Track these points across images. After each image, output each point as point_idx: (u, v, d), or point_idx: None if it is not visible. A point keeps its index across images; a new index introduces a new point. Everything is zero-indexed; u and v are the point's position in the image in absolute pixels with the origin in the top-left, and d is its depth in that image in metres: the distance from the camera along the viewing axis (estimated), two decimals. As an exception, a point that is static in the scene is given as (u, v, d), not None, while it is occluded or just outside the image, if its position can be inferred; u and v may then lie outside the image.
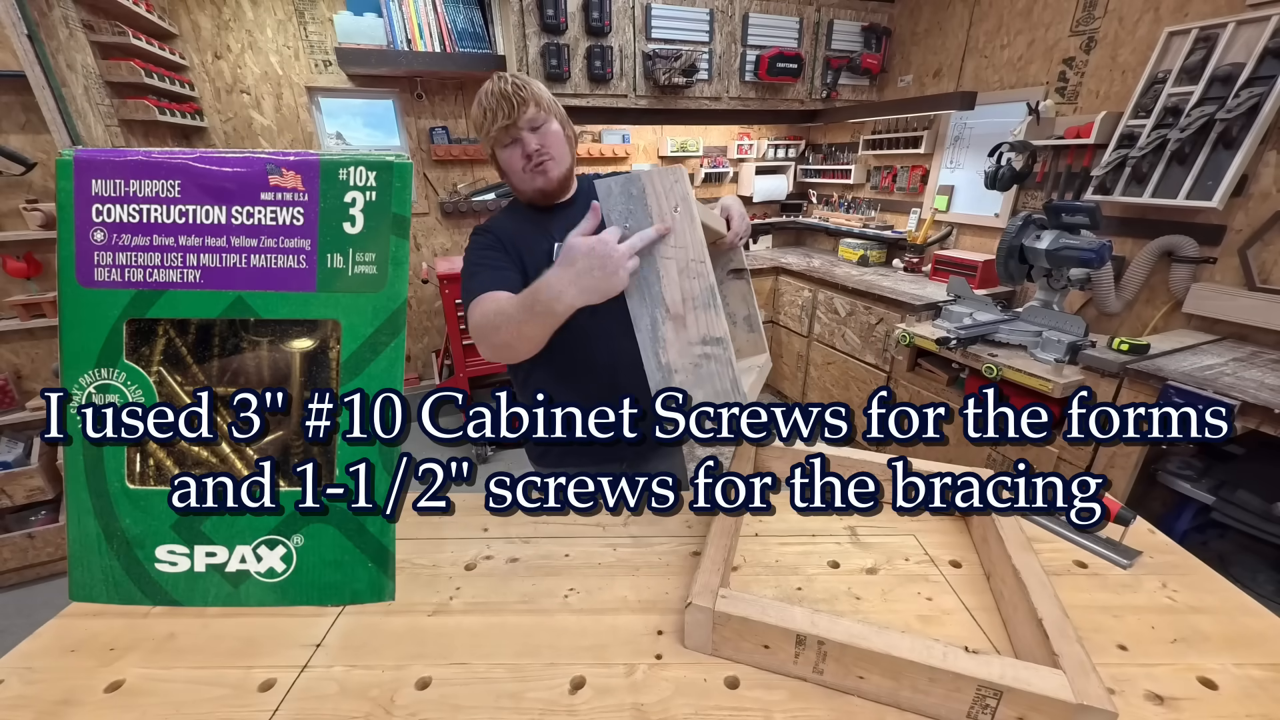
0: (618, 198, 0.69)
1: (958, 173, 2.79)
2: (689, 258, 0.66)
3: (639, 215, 0.68)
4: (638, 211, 0.68)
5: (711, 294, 0.66)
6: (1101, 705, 0.47)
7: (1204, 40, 1.79)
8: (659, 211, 0.66)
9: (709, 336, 0.66)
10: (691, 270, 0.66)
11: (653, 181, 0.66)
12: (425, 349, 3.59)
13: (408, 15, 2.73)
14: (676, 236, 0.66)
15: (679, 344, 0.68)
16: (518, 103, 0.94)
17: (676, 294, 0.67)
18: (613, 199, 0.69)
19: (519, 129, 0.96)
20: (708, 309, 0.66)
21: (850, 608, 0.68)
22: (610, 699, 0.56)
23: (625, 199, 0.68)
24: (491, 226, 1.06)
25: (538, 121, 0.97)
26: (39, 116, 1.80)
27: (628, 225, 0.69)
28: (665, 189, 0.66)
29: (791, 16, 2.95)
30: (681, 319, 0.67)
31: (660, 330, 0.68)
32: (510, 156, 1.00)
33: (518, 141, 0.98)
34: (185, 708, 0.55)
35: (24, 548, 2.02)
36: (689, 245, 0.66)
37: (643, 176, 0.67)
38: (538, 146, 0.98)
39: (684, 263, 0.66)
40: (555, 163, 1.00)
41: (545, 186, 1.01)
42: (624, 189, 0.68)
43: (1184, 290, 1.88)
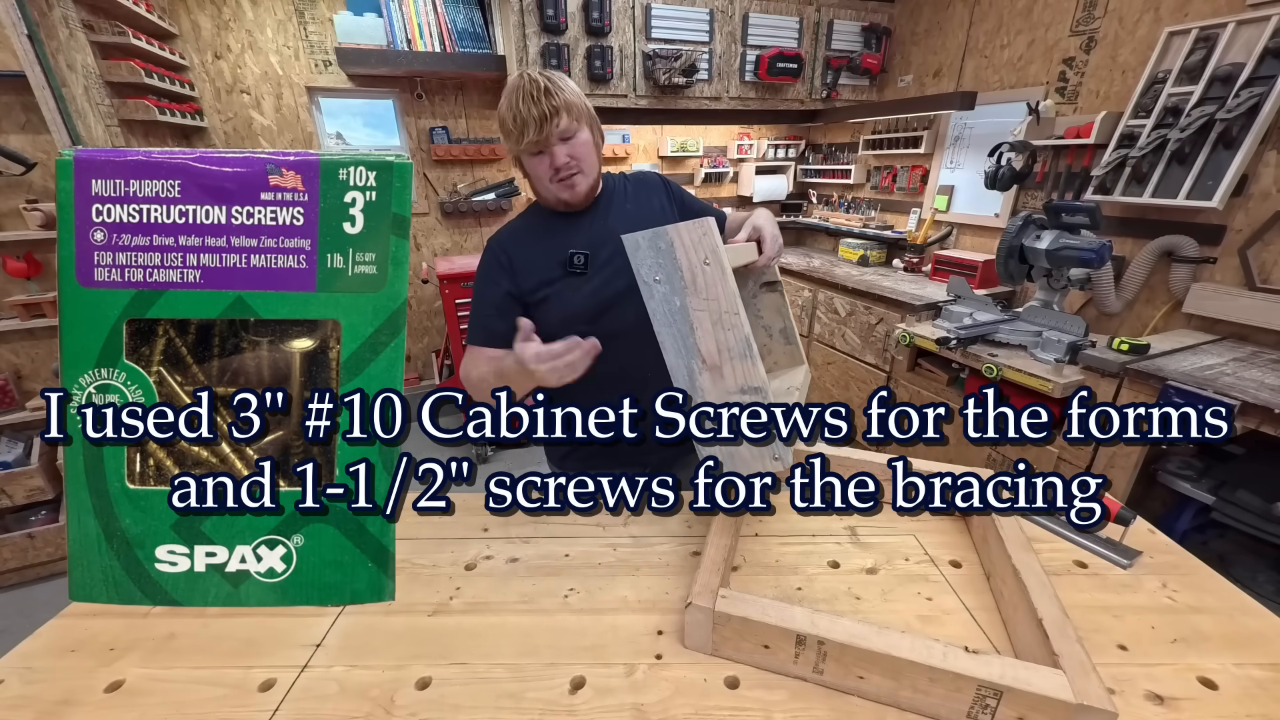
0: (646, 252, 0.68)
1: (958, 173, 2.79)
2: (722, 310, 0.65)
3: (669, 270, 0.67)
4: (668, 265, 0.67)
5: (748, 345, 0.65)
6: (1101, 705, 0.47)
7: (1204, 40, 1.79)
8: (688, 264, 0.66)
9: (747, 386, 0.66)
10: (726, 323, 0.65)
11: (680, 235, 0.65)
12: (425, 349, 3.59)
13: (408, 15, 2.73)
14: (708, 289, 0.66)
15: (716, 393, 0.68)
16: (549, 112, 0.89)
17: (712, 345, 0.66)
18: (641, 254, 0.69)
19: (549, 142, 0.92)
20: (744, 359, 0.65)
21: (850, 608, 0.68)
22: (610, 699, 0.56)
23: (654, 253, 0.68)
24: (507, 244, 1.03)
25: (569, 132, 0.93)
26: (39, 116, 1.80)
27: (658, 279, 0.68)
28: (694, 243, 0.65)
29: (791, 16, 2.95)
30: (718, 369, 0.67)
31: (697, 381, 0.68)
32: (538, 164, 0.95)
33: (547, 153, 0.94)
34: (185, 708, 0.55)
35: (24, 548, 2.02)
36: (721, 298, 0.65)
37: (669, 231, 0.66)
38: (567, 159, 0.94)
39: (717, 315, 0.65)
40: (584, 176, 0.97)
41: (571, 200, 0.99)
42: (652, 244, 0.68)
43: (1184, 290, 1.88)
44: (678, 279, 0.67)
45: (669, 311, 0.68)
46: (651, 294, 0.69)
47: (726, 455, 0.69)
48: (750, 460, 0.67)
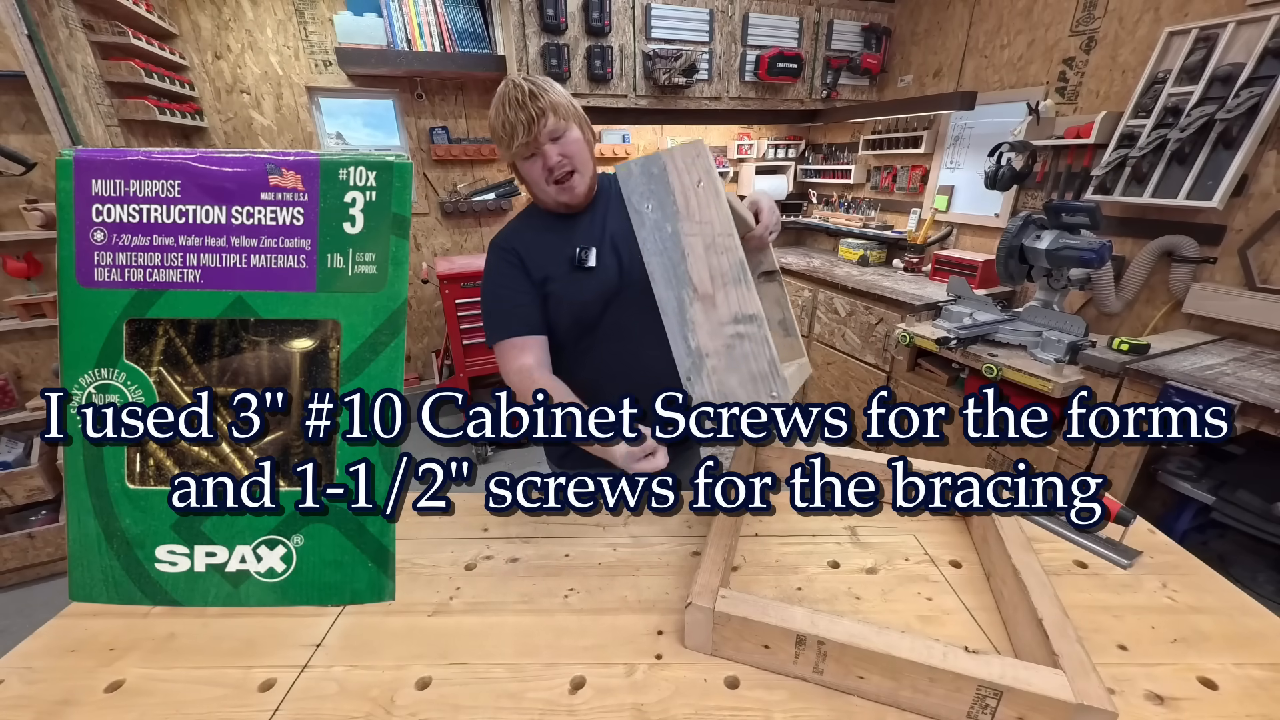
0: (638, 179, 0.66)
1: (958, 173, 2.79)
2: (715, 233, 0.63)
3: (661, 194, 0.65)
4: (659, 191, 0.65)
5: (742, 268, 0.62)
6: (1101, 705, 0.47)
7: (1204, 40, 1.79)
8: (681, 188, 0.64)
9: (741, 314, 0.63)
10: (719, 245, 0.63)
11: (674, 158, 0.64)
12: (425, 349, 3.59)
13: (408, 15, 2.73)
14: (701, 212, 0.63)
15: (709, 325, 0.64)
16: (536, 114, 0.90)
17: (704, 272, 0.64)
18: (633, 181, 0.66)
19: (539, 143, 0.93)
20: (739, 284, 0.62)
21: (850, 608, 0.68)
22: (610, 699, 0.56)
23: (646, 179, 0.65)
24: (511, 241, 1.03)
25: (558, 131, 0.94)
26: (39, 116, 1.80)
27: (648, 206, 0.65)
28: (687, 164, 0.63)
29: (791, 16, 2.95)
30: (710, 298, 0.64)
31: (688, 312, 0.65)
32: (532, 169, 0.97)
33: (539, 154, 0.95)
34: (185, 708, 0.55)
35: (24, 548, 2.02)
36: (714, 220, 0.63)
37: (663, 155, 0.64)
38: (559, 158, 0.95)
39: (710, 239, 0.63)
40: (580, 175, 0.97)
41: (571, 202, 0.99)
42: (644, 169, 0.66)
43: (1184, 290, 1.88)
44: (670, 204, 0.65)
45: (660, 239, 0.66)
46: (642, 222, 0.67)
47: (720, 396, 0.65)
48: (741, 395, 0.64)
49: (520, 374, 0.96)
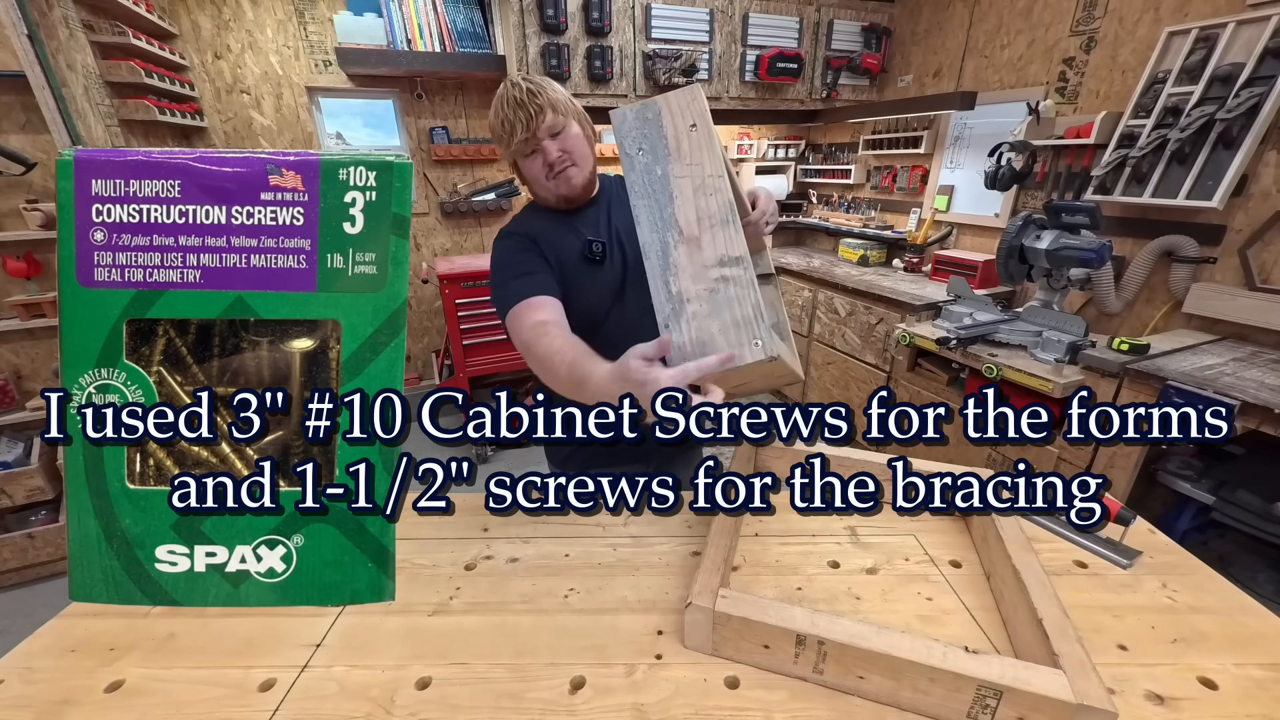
0: (632, 124, 0.65)
1: (958, 173, 2.79)
2: (705, 174, 0.62)
3: (654, 139, 0.64)
4: (652, 135, 0.64)
5: (731, 210, 0.60)
6: (1101, 705, 0.47)
7: (1204, 40, 1.79)
8: (674, 132, 0.63)
9: (727, 256, 0.60)
10: (709, 186, 0.62)
11: (669, 102, 0.63)
12: (425, 349, 3.59)
13: (408, 15, 2.73)
14: (692, 154, 0.62)
15: (693, 268, 0.62)
16: (535, 111, 0.91)
17: (691, 214, 0.62)
18: (626, 125, 0.66)
19: (538, 139, 0.94)
20: (726, 226, 0.60)
21: (850, 608, 0.68)
22: (610, 699, 0.56)
23: (640, 123, 0.64)
24: (517, 229, 1.03)
25: (557, 127, 0.95)
26: (39, 116, 1.80)
27: (641, 149, 0.64)
28: (682, 108, 0.63)
29: (791, 16, 2.95)
30: (696, 240, 0.62)
31: (672, 255, 0.63)
32: (532, 165, 0.97)
33: (538, 151, 0.95)
34: (185, 708, 0.55)
35: (24, 548, 2.02)
36: (705, 162, 0.62)
37: (658, 100, 0.64)
38: (559, 154, 0.95)
39: (700, 180, 0.62)
40: (578, 169, 0.98)
41: (569, 193, 0.99)
42: (639, 114, 0.65)
43: (1184, 290, 1.88)
44: (661, 147, 0.64)
45: (649, 182, 0.65)
46: (633, 166, 0.66)
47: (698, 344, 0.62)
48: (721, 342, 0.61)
49: (535, 329, 0.86)
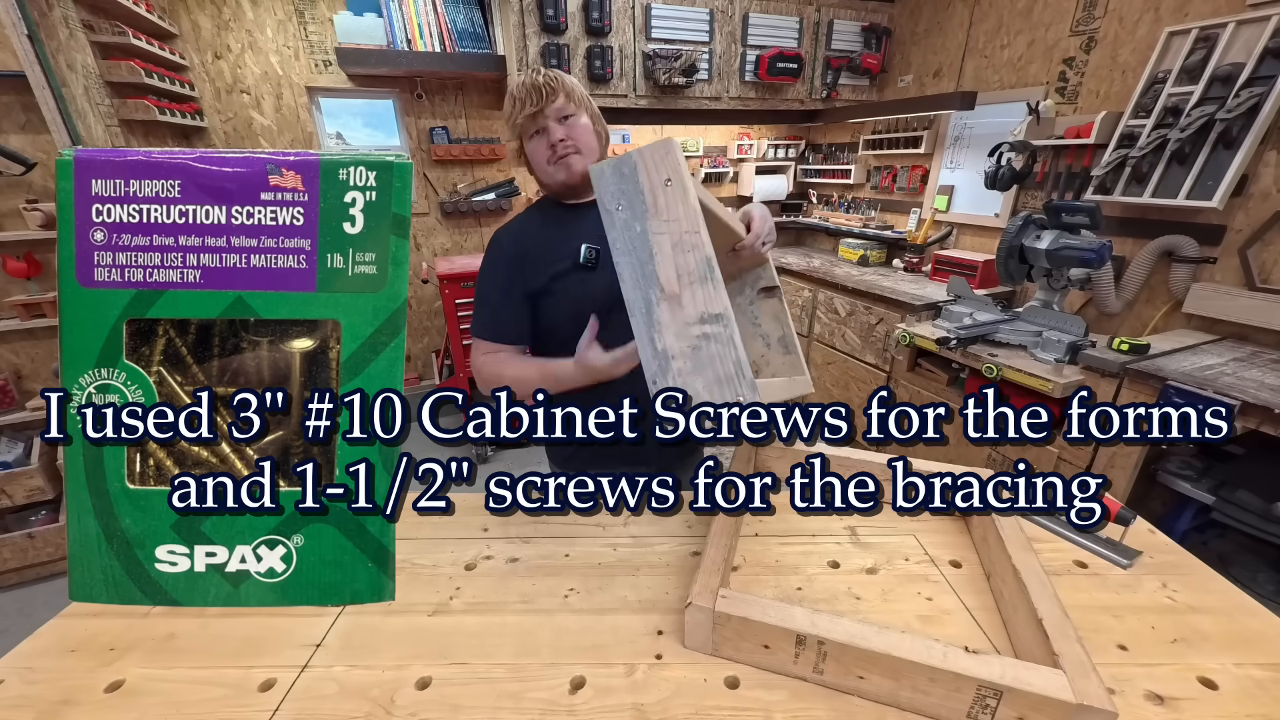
0: (610, 179, 0.66)
1: (958, 173, 2.79)
2: (683, 230, 0.62)
3: (631, 195, 0.64)
4: (630, 190, 0.64)
5: (709, 266, 0.61)
6: (1101, 705, 0.47)
7: (1204, 40, 1.79)
8: (650, 187, 0.63)
9: (707, 314, 0.61)
10: (686, 243, 0.62)
11: (643, 157, 0.64)
12: (425, 349, 3.59)
13: (408, 15, 2.73)
14: (669, 210, 0.63)
15: (675, 325, 0.63)
16: (547, 92, 0.94)
17: (671, 270, 0.63)
18: (605, 181, 0.66)
19: (546, 118, 0.96)
20: (705, 283, 0.61)
21: (850, 608, 0.68)
22: (610, 699, 0.56)
23: (617, 179, 0.65)
24: (514, 239, 1.04)
25: (566, 112, 0.97)
26: (39, 116, 1.80)
27: (620, 206, 0.65)
28: (656, 163, 0.63)
29: (791, 16, 2.95)
30: (677, 297, 0.63)
31: (655, 313, 0.64)
32: (536, 147, 0.99)
33: (544, 132, 0.97)
34: (185, 708, 0.55)
35: (24, 548, 2.02)
36: (681, 218, 0.62)
37: (634, 155, 0.64)
38: (562, 137, 0.97)
39: (677, 236, 0.62)
40: (580, 156, 0.99)
41: (568, 180, 1.00)
42: (616, 170, 0.65)
43: (1184, 290, 1.88)
44: (639, 203, 0.64)
45: (629, 239, 0.65)
46: (613, 222, 0.66)
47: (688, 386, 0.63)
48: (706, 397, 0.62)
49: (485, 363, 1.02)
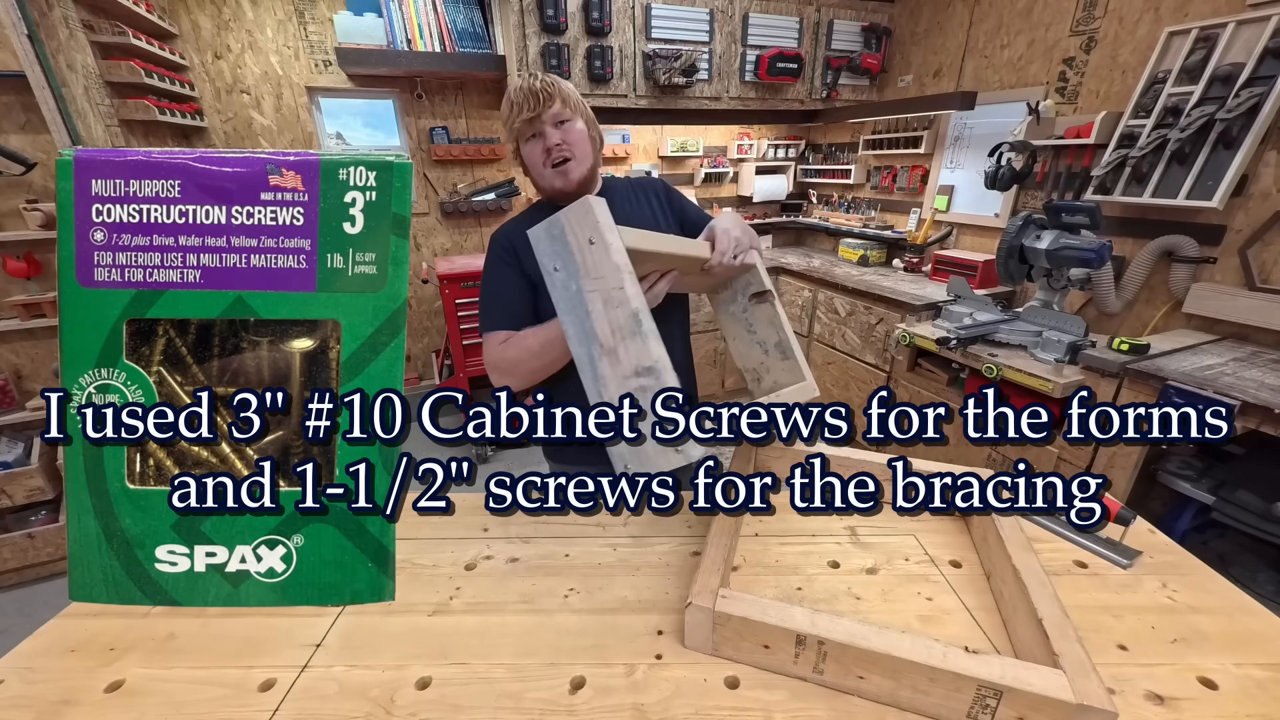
0: (545, 242, 0.68)
1: (958, 173, 2.79)
2: (609, 286, 0.64)
3: (564, 255, 0.67)
4: (563, 252, 0.67)
5: (636, 321, 0.63)
6: (1101, 705, 0.47)
7: (1204, 40, 1.79)
8: (578, 246, 0.66)
9: (640, 367, 0.63)
10: (614, 299, 0.64)
11: (568, 218, 0.66)
12: (425, 349, 3.59)
13: (408, 15, 2.73)
14: (596, 268, 0.65)
15: (616, 379, 0.65)
16: (544, 97, 0.96)
17: (605, 326, 0.65)
18: (542, 245, 0.68)
19: (543, 122, 0.97)
20: (634, 337, 0.63)
21: (850, 608, 0.68)
22: (610, 699, 0.56)
23: (550, 241, 0.67)
24: (512, 239, 1.05)
25: (562, 117, 0.98)
26: (39, 116, 1.80)
27: (557, 268, 0.67)
28: (579, 223, 0.65)
29: (791, 16, 2.95)
30: (614, 351, 0.65)
31: (599, 367, 0.66)
32: (532, 151, 1.00)
33: (540, 136, 0.98)
34: (185, 708, 0.55)
35: (24, 548, 2.02)
36: (607, 275, 0.64)
37: (560, 216, 0.66)
38: (559, 141, 0.98)
39: (606, 293, 0.65)
40: (576, 162, 1.00)
41: (565, 188, 1.01)
42: (548, 232, 0.67)
43: (1184, 290, 1.88)
44: (571, 263, 0.66)
45: (568, 298, 0.67)
46: (553, 283, 0.68)
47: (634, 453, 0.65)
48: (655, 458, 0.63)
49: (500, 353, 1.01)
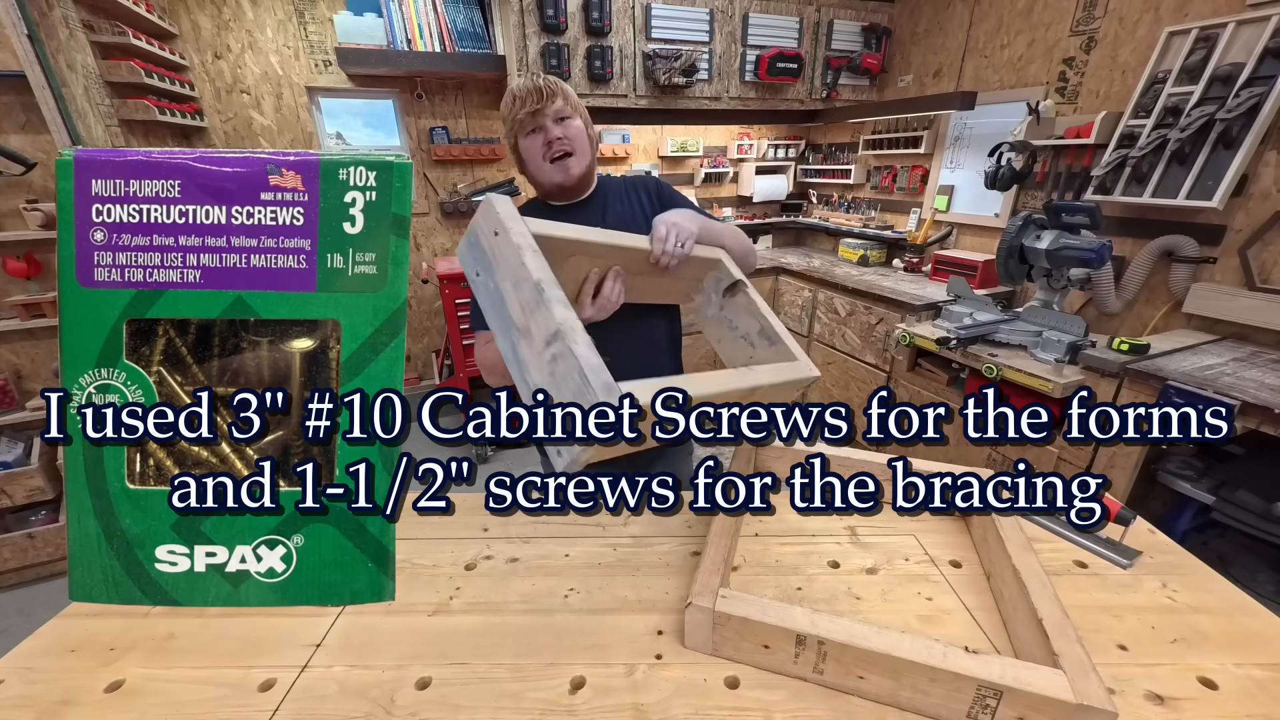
0: (465, 253, 0.71)
1: (958, 173, 2.79)
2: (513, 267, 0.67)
3: (481, 257, 0.69)
4: (479, 254, 0.69)
5: (538, 290, 0.64)
6: (1101, 705, 0.47)
7: (1204, 40, 1.79)
8: (488, 243, 0.68)
9: (548, 335, 0.64)
10: (518, 277, 0.67)
11: (477, 220, 0.69)
12: (425, 349, 3.59)
13: (408, 15, 2.73)
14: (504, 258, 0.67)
15: (533, 357, 0.66)
16: (548, 93, 0.99)
17: (517, 307, 0.67)
18: (464, 257, 0.71)
19: (545, 116, 1.00)
20: (538, 307, 0.64)
21: (850, 608, 0.68)
22: (610, 699, 0.56)
23: (469, 249, 0.70)
24: None
25: (564, 114, 1.01)
26: (39, 116, 1.79)
27: (478, 273, 0.70)
28: (485, 220, 0.68)
29: (791, 16, 2.95)
30: (527, 330, 0.66)
31: (520, 353, 0.67)
32: (532, 145, 1.02)
33: (540, 130, 1.01)
34: (185, 708, 0.55)
35: (24, 548, 2.02)
36: (510, 258, 0.67)
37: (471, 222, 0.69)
38: (559, 135, 1.00)
39: (514, 276, 0.67)
40: (576, 158, 1.03)
41: (565, 182, 1.04)
42: (468, 241, 0.70)
43: (1184, 290, 1.88)
44: (486, 261, 0.69)
45: (490, 298, 0.69)
46: (478, 289, 0.71)
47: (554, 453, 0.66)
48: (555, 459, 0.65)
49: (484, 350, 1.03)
